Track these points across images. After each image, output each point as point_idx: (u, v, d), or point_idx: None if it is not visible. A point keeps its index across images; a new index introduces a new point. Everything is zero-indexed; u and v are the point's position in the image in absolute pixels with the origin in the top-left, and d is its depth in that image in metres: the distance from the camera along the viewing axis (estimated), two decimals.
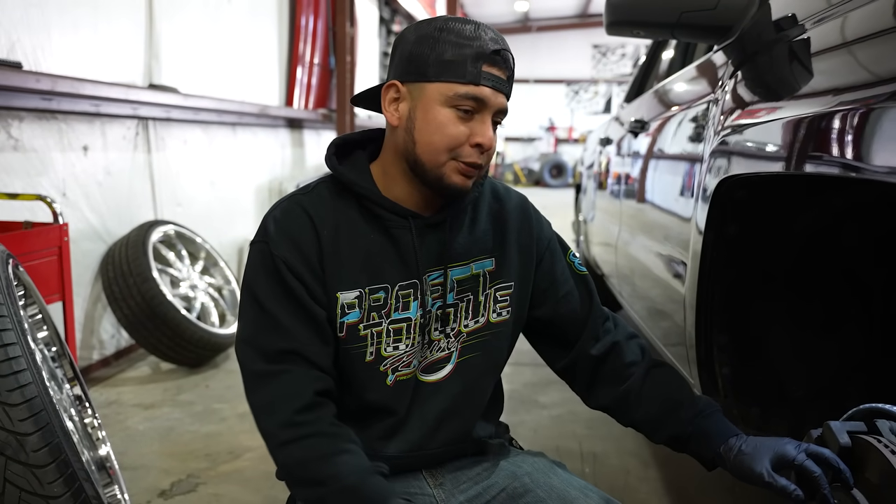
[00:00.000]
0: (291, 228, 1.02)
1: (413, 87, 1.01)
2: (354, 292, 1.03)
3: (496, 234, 1.14)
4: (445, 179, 1.01)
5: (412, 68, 1.00)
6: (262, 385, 1.00)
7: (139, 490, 1.93)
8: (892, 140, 0.75)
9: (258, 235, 1.04)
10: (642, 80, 3.00)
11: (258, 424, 1.01)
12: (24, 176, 2.48)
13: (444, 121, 0.99)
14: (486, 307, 1.12)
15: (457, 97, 0.98)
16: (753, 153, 1.11)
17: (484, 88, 0.98)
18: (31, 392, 1.11)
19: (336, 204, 1.05)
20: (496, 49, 0.98)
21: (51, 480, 1.08)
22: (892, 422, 0.80)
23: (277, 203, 1.07)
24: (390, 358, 1.05)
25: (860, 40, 0.92)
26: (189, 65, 3.58)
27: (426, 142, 1.00)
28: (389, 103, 1.03)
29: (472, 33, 0.98)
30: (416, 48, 1.00)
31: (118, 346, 3.09)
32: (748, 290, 1.30)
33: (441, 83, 0.98)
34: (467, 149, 1.00)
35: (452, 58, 0.97)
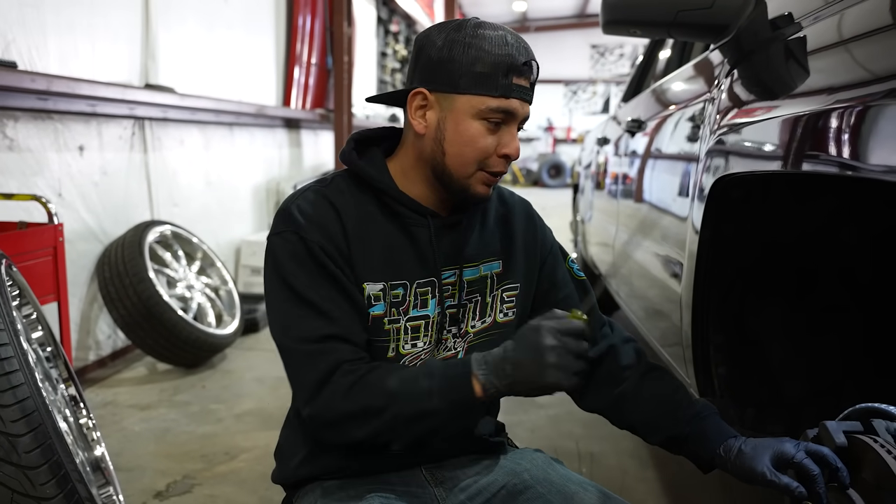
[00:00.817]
0: (320, 217, 1.02)
1: (442, 96, 1.01)
2: (379, 285, 1.04)
3: (504, 236, 1.16)
4: (471, 189, 1.03)
5: (442, 78, 1.00)
6: (312, 363, 0.98)
7: (135, 491, 1.92)
8: (889, 138, 0.75)
9: (281, 225, 1.02)
10: (639, 79, 3.00)
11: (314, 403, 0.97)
12: (20, 176, 2.47)
13: (476, 134, 1.00)
14: (493, 308, 1.14)
15: (488, 111, 0.99)
16: (749, 152, 1.10)
17: (514, 101, 1.00)
18: (23, 393, 1.10)
19: (355, 197, 1.06)
20: (525, 60, 0.99)
21: (43, 482, 1.08)
22: (889, 421, 0.80)
23: (297, 194, 1.06)
24: (408, 356, 1.06)
25: (856, 38, 0.91)
26: (186, 65, 3.57)
27: (456, 153, 1.01)
28: (416, 110, 1.03)
29: (503, 43, 0.99)
30: (446, 56, 0.99)
31: (114, 346, 3.08)
32: (744, 290, 1.30)
33: (472, 95, 0.99)
34: (495, 159, 1.02)
35: (483, 69, 0.98)
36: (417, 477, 1.11)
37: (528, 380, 0.91)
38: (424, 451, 1.11)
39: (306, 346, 0.98)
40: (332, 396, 0.96)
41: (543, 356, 0.90)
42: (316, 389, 0.97)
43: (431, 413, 0.94)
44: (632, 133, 2.29)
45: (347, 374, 0.96)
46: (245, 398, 2.66)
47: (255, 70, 4.58)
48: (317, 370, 0.97)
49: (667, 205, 1.67)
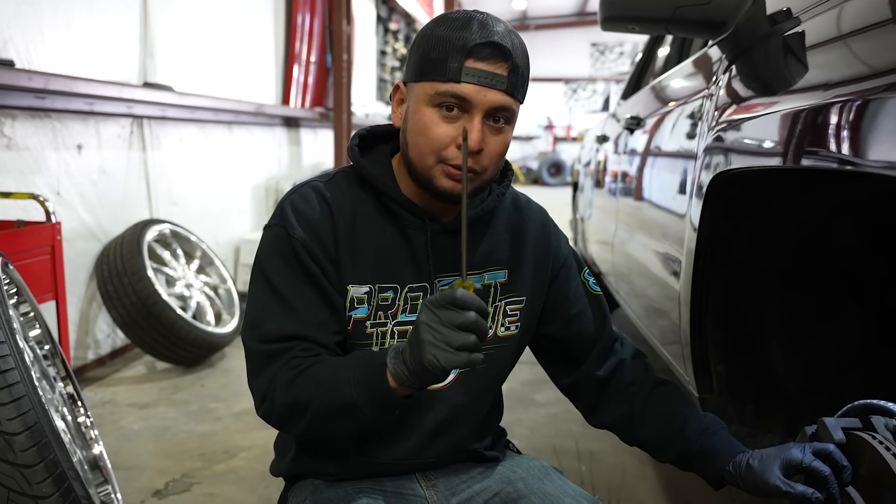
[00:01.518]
0: (309, 213, 1.01)
1: (409, 87, 0.99)
2: (365, 287, 1.01)
3: (513, 246, 1.10)
4: (434, 182, 0.97)
5: (409, 68, 0.99)
6: (265, 366, 0.97)
7: (133, 490, 1.92)
8: (888, 132, 0.74)
9: (273, 219, 1.02)
10: (638, 76, 2.99)
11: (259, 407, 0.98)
12: (18, 175, 2.47)
13: (428, 121, 0.95)
14: (495, 320, 1.09)
15: (437, 95, 0.93)
16: (748, 148, 1.10)
17: (465, 86, 0.92)
18: (18, 391, 1.10)
19: (354, 195, 1.04)
20: (482, 42, 0.91)
21: (39, 480, 1.07)
22: (887, 418, 0.80)
23: (294, 188, 1.06)
24: None
25: (855, 33, 0.91)
26: (184, 63, 3.56)
27: (414, 143, 0.97)
28: (397, 105, 1.02)
29: (459, 27, 0.93)
30: (413, 46, 0.98)
31: (113, 345, 3.08)
32: (742, 287, 1.29)
33: (425, 82, 0.95)
34: (452, 150, 0.95)
35: (436, 55, 0.93)
36: (410, 480, 1.10)
37: (414, 362, 0.84)
38: (419, 462, 1.09)
39: (267, 345, 0.97)
40: (274, 391, 0.95)
41: (419, 334, 0.83)
42: (266, 388, 0.96)
43: (353, 406, 0.90)
44: (631, 130, 2.28)
45: (291, 369, 0.95)
46: (244, 397, 2.65)
47: (254, 68, 4.57)
48: (271, 371, 0.96)
49: (665, 202, 1.66)
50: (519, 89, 0.96)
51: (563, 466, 2.05)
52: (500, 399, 1.19)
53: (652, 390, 1.12)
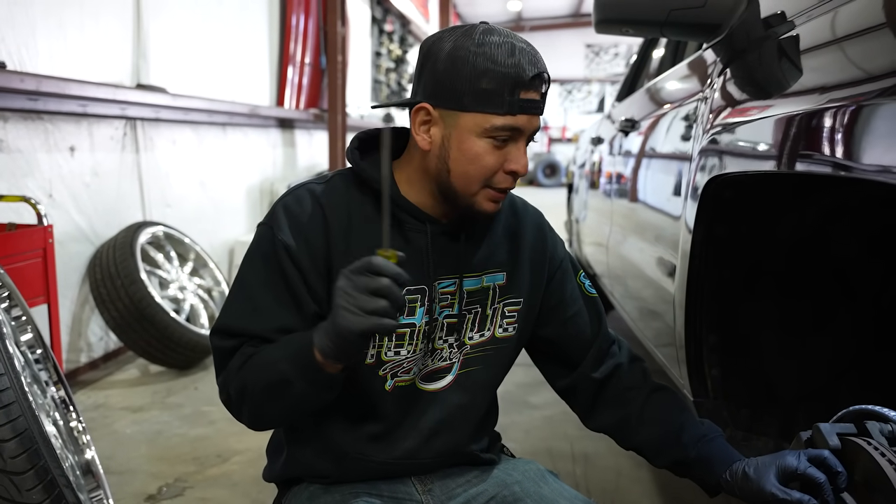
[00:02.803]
0: (300, 216, 1.00)
1: (446, 113, 0.96)
2: None
3: (511, 248, 1.11)
4: (476, 206, 1.00)
5: (445, 94, 0.95)
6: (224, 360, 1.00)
7: (126, 495, 1.91)
8: (882, 137, 0.74)
9: (266, 218, 1.03)
10: (633, 78, 2.99)
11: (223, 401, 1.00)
12: (10, 177, 2.45)
13: (481, 152, 0.96)
14: (493, 321, 1.10)
15: (494, 129, 0.94)
16: (742, 152, 1.10)
17: (521, 117, 0.95)
18: (8, 397, 1.08)
19: (352, 196, 1.03)
20: (534, 74, 0.94)
21: (29, 487, 1.06)
22: (882, 423, 0.79)
23: (291, 189, 1.06)
24: (390, 363, 1.03)
25: (849, 37, 0.91)
26: (178, 64, 3.55)
27: (461, 172, 0.97)
28: (419, 126, 0.99)
29: (509, 57, 0.93)
30: (449, 71, 0.94)
31: (106, 348, 3.06)
32: (737, 290, 1.29)
33: (477, 114, 0.94)
34: (501, 175, 0.98)
35: (488, 87, 0.92)
36: (406, 484, 1.10)
37: (332, 329, 0.86)
38: (415, 462, 1.09)
39: (227, 341, 0.99)
40: (229, 382, 0.98)
41: (335, 299, 0.85)
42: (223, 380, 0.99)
43: (285, 381, 0.91)
44: (625, 133, 2.28)
45: (240, 357, 0.98)
46: None
47: (249, 70, 4.56)
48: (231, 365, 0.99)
49: (660, 204, 1.66)
50: None
51: (558, 469, 2.05)
52: (496, 401, 1.20)
53: (649, 395, 1.12)
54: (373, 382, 1.03)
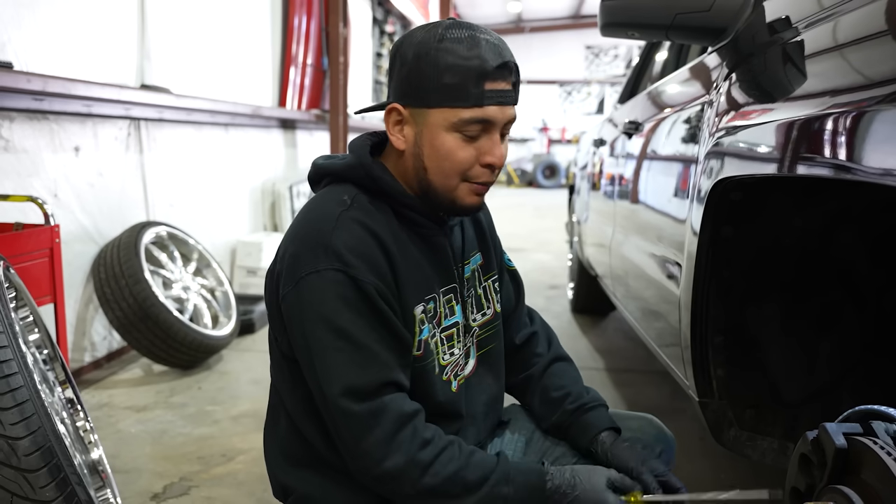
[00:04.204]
0: (366, 251, 0.95)
1: (415, 112, 0.98)
2: (420, 306, 1.02)
3: (477, 230, 1.19)
4: (459, 202, 1.01)
5: (412, 93, 0.96)
6: (372, 424, 0.93)
7: (131, 493, 1.92)
8: (885, 142, 0.75)
9: (325, 262, 0.93)
10: (636, 81, 3.01)
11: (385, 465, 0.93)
12: (15, 177, 2.46)
13: (453, 147, 0.96)
14: (489, 298, 1.17)
15: (461, 122, 0.94)
16: (748, 155, 1.11)
17: (489, 108, 0.94)
18: (22, 396, 1.09)
19: (380, 215, 1.01)
20: (497, 64, 0.93)
21: (42, 485, 1.07)
22: (888, 423, 0.80)
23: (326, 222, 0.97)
24: (449, 365, 1.07)
25: (853, 43, 0.92)
26: (181, 65, 3.56)
27: (436, 168, 0.98)
28: (393, 126, 1.00)
29: (470, 49, 0.92)
30: (414, 70, 0.95)
31: (110, 348, 3.07)
32: (743, 292, 1.30)
33: (444, 109, 0.94)
34: (478, 169, 0.98)
35: (452, 81, 0.93)
36: None
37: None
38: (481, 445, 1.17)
39: (365, 403, 0.93)
40: (410, 466, 0.93)
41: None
42: (385, 447, 0.93)
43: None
44: (629, 135, 2.29)
45: (425, 446, 0.95)
46: (241, 400, 2.65)
47: (251, 70, 4.57)
48: (382, 429, 0.93)
49: (665, 207, 1.67)
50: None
51: None
52: None
53: (550, 364, 1.24)
54: (443, 388, 1.07)
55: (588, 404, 1.16)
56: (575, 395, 1.17)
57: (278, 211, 4.70)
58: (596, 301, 3.69)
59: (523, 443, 1.22)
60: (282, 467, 1.11)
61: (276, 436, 1.12)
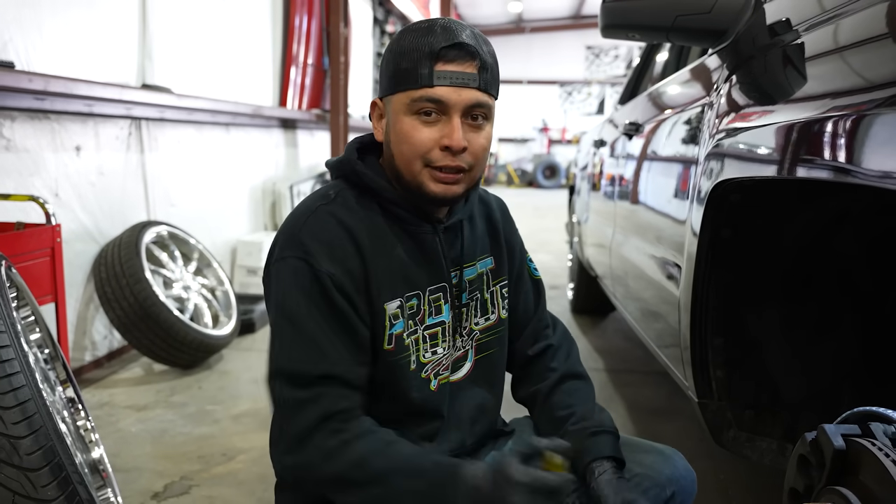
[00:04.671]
0: (332, 242, 0.98)
1: (385, 101, 1.03)
2: (396, 301, 1.03)
3: (491, 233, 1.18)
4: (424, 188, 1.00)
5: (382, 83, 1.02)
6: (300, 412, 0.94)
7: (132, 492, 1.92)
8: (884, 144, 0.76)
9: (289, 250, 0.98)
10: (636, 82, 3.01)
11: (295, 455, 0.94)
12: (17, 176, 2.47)
13: (408, 129, 0.98)
14: (494, 304, 1.16)
15: (413, 103, 0.97)
16: (748, 157, 1.11)
17: (439, 89, 0.95)
18: (24, 395, 1.10)
19: (363, 210, 1.03)
20: (448, 44, 0.95)
21: (44, 484, 1.07)
22: (886, 425, 0.81)
23: (302, 214, 1.01)
24: (430, 363, 1.07)
25: (853, 46, 0.92)
26: (182, 65, 3.56)
27: (399, 152, 1.01)
28: (376, 120, 1.06)
29: (423, 34, 0.96)
30: (382, 64, 1.02)
31: (110, 347, 3.07)
32: (743, 293, 1.31)
33: (400, 93, 0.98)
34: (437, 152, 0.98)
35: (406, 65, 0.97)
36: None
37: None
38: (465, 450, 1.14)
39: (298, 391, 0.94)
40: (313, 453, 0.93)
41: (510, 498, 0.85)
42: (297, 441, 0.94)
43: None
44: (629, 136, 2.30)
45: (332, 435, 0.93)
46: (242, 399, 2.66)
47: (252, 70, 4.57)
48: (304, 420, 0.94)
49: (665, 208, 1.68)
50: (491, 85, 1.00)
51: None
52: None
53: (561, 380, 1.19)
54: (420, 386, 1.06)
55: (590, 429, 1.09)
56: (579, 416, 1.11)
57: (279, 210, 4.71)
58: (596, 301, 3.69)
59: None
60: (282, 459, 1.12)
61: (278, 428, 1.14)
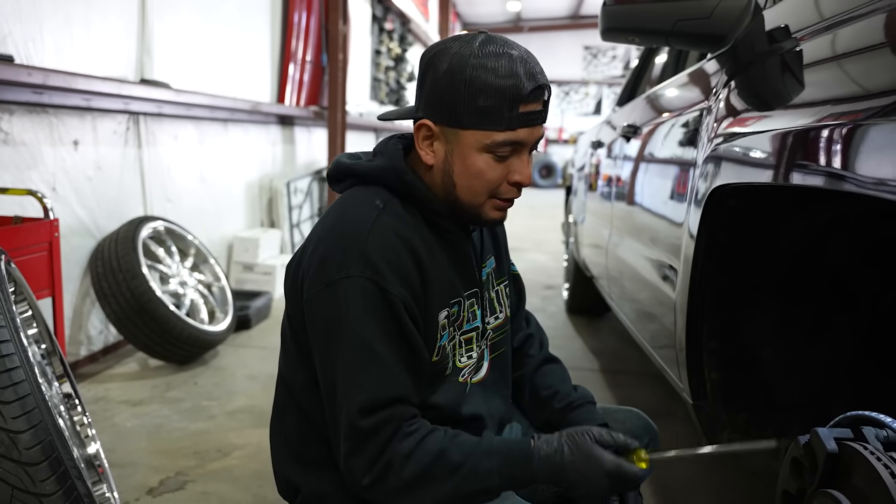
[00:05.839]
0: (398, 261, 0.96)
1: (447, 130, 0.98)
2: (444, 311, 1.03)
3: (492, 235, 1.21)
4: (483, 216, 1.03)
5: (444, 112, 0.96)
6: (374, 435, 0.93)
7: (127, 488, 1.92)
8: (879, 152, 0.77)
9: (356, 269, 0.93)
10: (634, 84, 3.02)
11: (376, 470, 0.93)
12: (14, 170, 2.46)
13: (484, 167, 0.97)
14: (501, 303, 1.19)
15: (494, 145, 0.96)
16: (744, 162, 1.12)
17: (521, 131, 0.95)
18: (23, 390, 1.10)
19: (411, 220, 1.02)
20: (534, 88, 0.94)
21: (43, 478, 1.08)
22: (879, 429, 0.82)
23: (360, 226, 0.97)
24: (465, 368, 1.08)
25: (851, 54, 0.93)
26: (181, 60, 3.56)
27: (465, 186, 1.00)
28: (423, 140, 1.01)
29: (509, 72, 0.93)
30: (448, 89, 0.95)
31: (106, 341, 3.07)
32: (738, 297, 1.32)
33: (477, 131, 0.95)
34: (505, 186, 1.01)
35: (486, 104, 0.93)
36: None
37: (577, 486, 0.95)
38: None
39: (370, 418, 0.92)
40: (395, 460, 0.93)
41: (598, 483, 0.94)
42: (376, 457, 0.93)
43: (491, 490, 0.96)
44: (627, 138, 2.31)
45: (406, 438, 0.93)
46: (237, 395, 2.66)
47: (251, 66, 4.56)
48: (379, 442, 0.93)
49: (662, 210, 1.69)
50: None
51: None
52: None
53: (541, 364, 1.27)
54: (459, 391, 1.08)
55: (575, 402, 1.19)
56: (563, 395, 1.21)
57: (275, 207, 4.70)
58: (591, 302, 3.70)
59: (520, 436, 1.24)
60: (289, 465, 1.11)
61: (282, 432, 1.13)
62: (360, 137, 7.15)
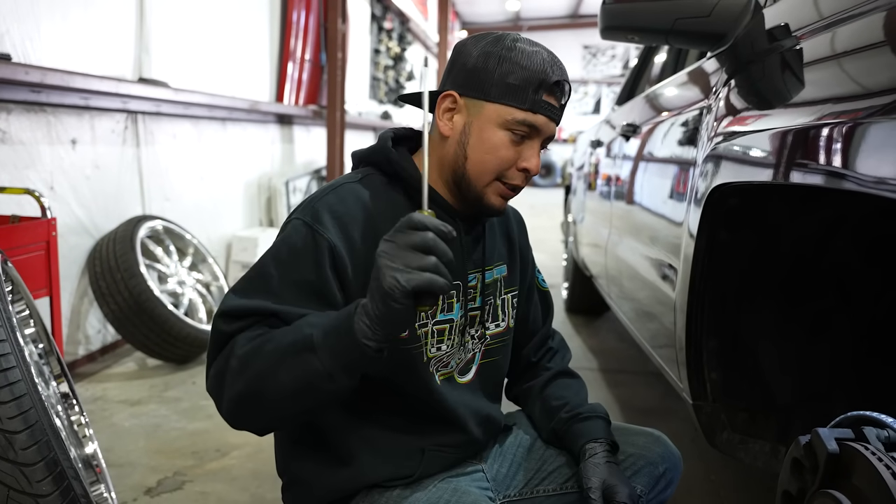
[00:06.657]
0: (346, 217, 0.99)
1: (471, 102, 1.02)
2: None
3: (507, 242, 1.21)
4: (485, 200, 1.04)
5: (473, 83, 1.01)
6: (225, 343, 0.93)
7: (125, 487, 1.92)
8: (879, 151, 0.76)
9: (299, 213, 0.99)
10: (634, 83, 3.02)
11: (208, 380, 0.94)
12: (12, 168, 2.46)
13: (498, 143, 1.01)
14: (505, 311, 1.18)
15: (514, 122, 1.00)
16: (744, 161, 1.12)
17: (540, 116, 1.01)
18: (20, 390, 1.09)
19: (389, 196, 1.05)
20: (558, 80, 1.01)
21: (39, 479, 1.07)
22: (879, 429, 0.81)
23: (326, 188, 1.04)
24: (434, 358, 1.08)
25: (851, 53, 0.93)
26: (180, 59, 3.55)
27: (477, 160, 1.02)
28: (444, 112, 1.04)
29: (539, 59, 1.00)
30: (481, 63, 1.01)
31: (104, 341, 3.06)
32: (738, 295, 1.32)
33: (501, 105, 1.00)
34: (513, 171, 1.03)
35: (516, 82, 0.99)
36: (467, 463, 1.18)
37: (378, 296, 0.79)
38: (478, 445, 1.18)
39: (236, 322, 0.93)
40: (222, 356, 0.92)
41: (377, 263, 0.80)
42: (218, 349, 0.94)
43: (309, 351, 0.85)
44: (627, 137, 2.30)
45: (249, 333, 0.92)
46: None
47: (249, 65, 4.56)
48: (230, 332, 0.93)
49: (661, 209, 1.68)
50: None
51: None
52: None
53: (556, 376, 1.27)
54: (428, 379, 1.08)
55: (583, 414, 1.17)
56: (572, 406, 1.20)
57: (274, 206, 4.70)
58: (590, 301, 3.70)
59: (525, 446, 1.23)
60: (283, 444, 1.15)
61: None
62: (359, 136, 7.15)
